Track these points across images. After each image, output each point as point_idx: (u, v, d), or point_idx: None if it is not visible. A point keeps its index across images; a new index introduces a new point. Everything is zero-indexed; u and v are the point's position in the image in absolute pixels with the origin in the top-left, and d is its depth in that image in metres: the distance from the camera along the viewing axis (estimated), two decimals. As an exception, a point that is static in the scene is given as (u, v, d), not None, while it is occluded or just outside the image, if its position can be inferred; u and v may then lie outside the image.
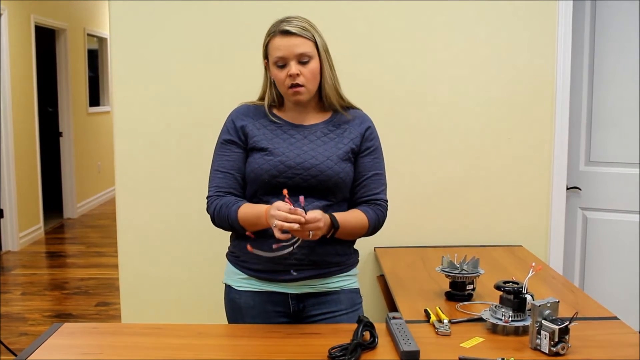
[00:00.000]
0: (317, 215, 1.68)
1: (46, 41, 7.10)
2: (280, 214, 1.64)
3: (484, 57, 2.80)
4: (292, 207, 1.65)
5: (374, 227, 1.90)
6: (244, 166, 1.88)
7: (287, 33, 1.78)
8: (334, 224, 1.78)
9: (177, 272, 2.87)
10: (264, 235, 1.82)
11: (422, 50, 2.80)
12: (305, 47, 1.79)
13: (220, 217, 1.85)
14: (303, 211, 1.65)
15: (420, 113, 2.82)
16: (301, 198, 1.69)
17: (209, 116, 2.73)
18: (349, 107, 1.94)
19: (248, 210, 1.81)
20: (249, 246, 1.74)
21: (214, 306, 2.05)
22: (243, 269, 1.90)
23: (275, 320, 1.89)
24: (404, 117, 2.82)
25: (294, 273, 1.84)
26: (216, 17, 2.75)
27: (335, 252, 1.88)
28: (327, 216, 1.75)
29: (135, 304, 2.88)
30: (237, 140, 1.88)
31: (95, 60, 8.34)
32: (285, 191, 1.69)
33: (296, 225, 1.64)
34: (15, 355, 1.79)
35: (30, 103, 6.32)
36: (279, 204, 1.67)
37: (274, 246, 1.72)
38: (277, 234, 1.66)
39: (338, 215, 1.80)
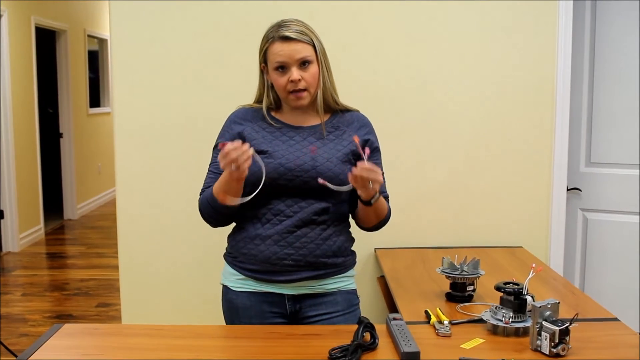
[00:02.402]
0: (376, 167, 1.69)
1: (46, 42, 7.10)
2: (225, 160, 1.64)
3: (484, 57, 2.80)
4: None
5: (388, 216, 1.94)
6: None
7: (287, 39, 1.79)
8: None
9: (178, 273, 2.87)
10: (260, 237, 1.84)
11: (422, 50, 2.80)
12: (306, 51, 1.80)
13: (202, 204, 1.87)
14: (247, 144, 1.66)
15: (420, 113, 2.82)
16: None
17: (209, 117, 2.73)
18: (345, 109, 1.95)
19: (216, 184, 1.81)
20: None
21: (215, 307, 2.05)
22: (240, 270, 1.91)
23: (272, 321, 1.89)
24: (404, 117, 2.82)
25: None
26: (216, 18, 2.75)
27: (332, 253, 1.88)
28: None
29: (136, 305, 2.88)
30: None
31: (95, 61, 8.35)
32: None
33: (249, 152, 1.63)
34: (16, 356, 1.79)
35: (30, 104, 6.32)
36: (220, 155, 1.66)
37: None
38: (236, 174, 1.67)
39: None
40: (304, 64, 1.81)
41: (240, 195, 1.77)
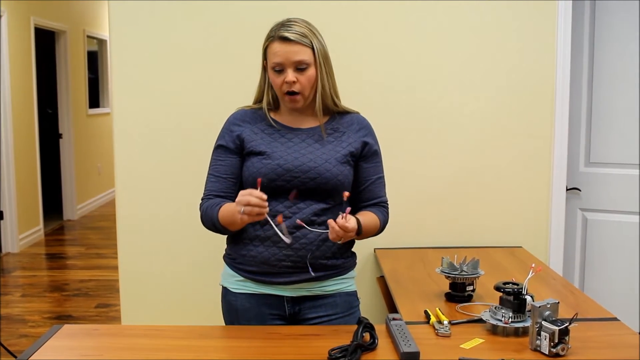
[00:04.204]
0: (355, 226, 1.71)
1: (46, 43, 7.11)
2: (243, 199, 1.65)
3: (483, 57, 2.81)
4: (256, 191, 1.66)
5: (382, 228, 1.94)
6: (238, 171, 1.89)
7: (285, 39, 1.78)
8: (357, 232, 1.77)
9: (177, 273, 2.87)
10: (259, 238, 1.84)
11: (422, 51, 2.80)
12: (303, 54, 1.79)
13: (206, 218, 1.87)
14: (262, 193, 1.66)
15: (420, 114, 2.83)
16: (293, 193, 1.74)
17: (208, 118, 2.74)
18: (345, 112, 1.94)
19: (226, 209, 1.82)
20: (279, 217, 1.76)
21: (214, 308, 2.05)
22: (239, 271, 1.91)
23: (271, 323, 1.89)
24: (404, 118, 2.82)
25: (313, 274, 1.84)
26: (216, 18, 2.76)
27: (332, 255, 1.88)
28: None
29: (136, 306, 2.88)
30: (231, 146, 1.89)
31: (95, 62, 8.35)
32: (259, 180, 1.72)
33: (265, 209, 1.64)
34: (16, 357, 1.79)
35: (30, 105, 6.32)
36: (242, 191, 1.68)
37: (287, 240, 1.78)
38: (246, 219, 1.66)
39: (362, 222, 1.80)
40: (301, 66, 1.80)
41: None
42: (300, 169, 1.82)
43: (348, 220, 1.69)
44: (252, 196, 1.64)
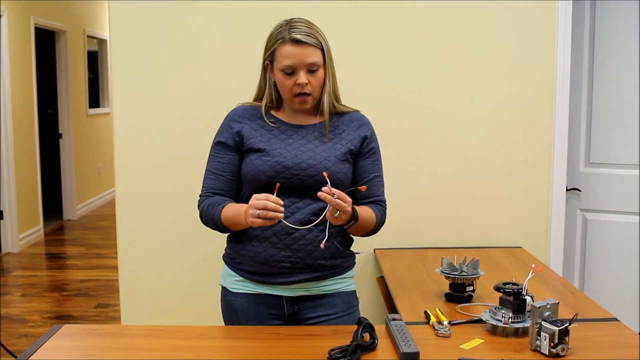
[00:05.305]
0: (347, 197, 1.69)
1: (46, 43, 7.10)
2: (259, 202, 1.66)
3: (483, 57, 2.81)
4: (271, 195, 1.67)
5: (379, 225, 1.92)
6: (237, 168, 1.89)
7: (298, 42, 1.78)
8: (354, 216, 1.77)
9: (177, 273, 2.87)
10: (257, 238, 1.84)
11: (422, 51, 2.80)
12: (315, 56, 1.80)
13: (207, 216, 1.88)
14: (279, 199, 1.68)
15: (420, 114, 2.83)
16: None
17: (208, 118, 2.72)
18: (344, 112, 1.94)
19: (230, 209, 1.82)
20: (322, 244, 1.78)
21: (214, 308, 2.05)
22: (238, 271, 1.91)
23: (270, 323, 1.89)
24: (404, 118, 2.82)
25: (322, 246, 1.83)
26: (216, 19, 2.76)
27: (330, 254, 1.88)
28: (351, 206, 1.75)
29: (135, 306, 2.88)
30: (231, 143, 1.89)
31: (95, 61, 8.35)
32: (278, 185, 1.73)
33: (281, 215, 1.65)
34: (15, 357, 1.79)
35: (30, 104, 6.32)
36: (256, 195, 1.69)
37: (322, 246, 1.77)
38: (258, 222, 1.67)
39: (358, 209, 1.80)
40: (312, 68, 1.80)
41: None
42: (299, 167, 1.82)
43: (336, 192, 1.67)
44: (268, 201, 1.65)
